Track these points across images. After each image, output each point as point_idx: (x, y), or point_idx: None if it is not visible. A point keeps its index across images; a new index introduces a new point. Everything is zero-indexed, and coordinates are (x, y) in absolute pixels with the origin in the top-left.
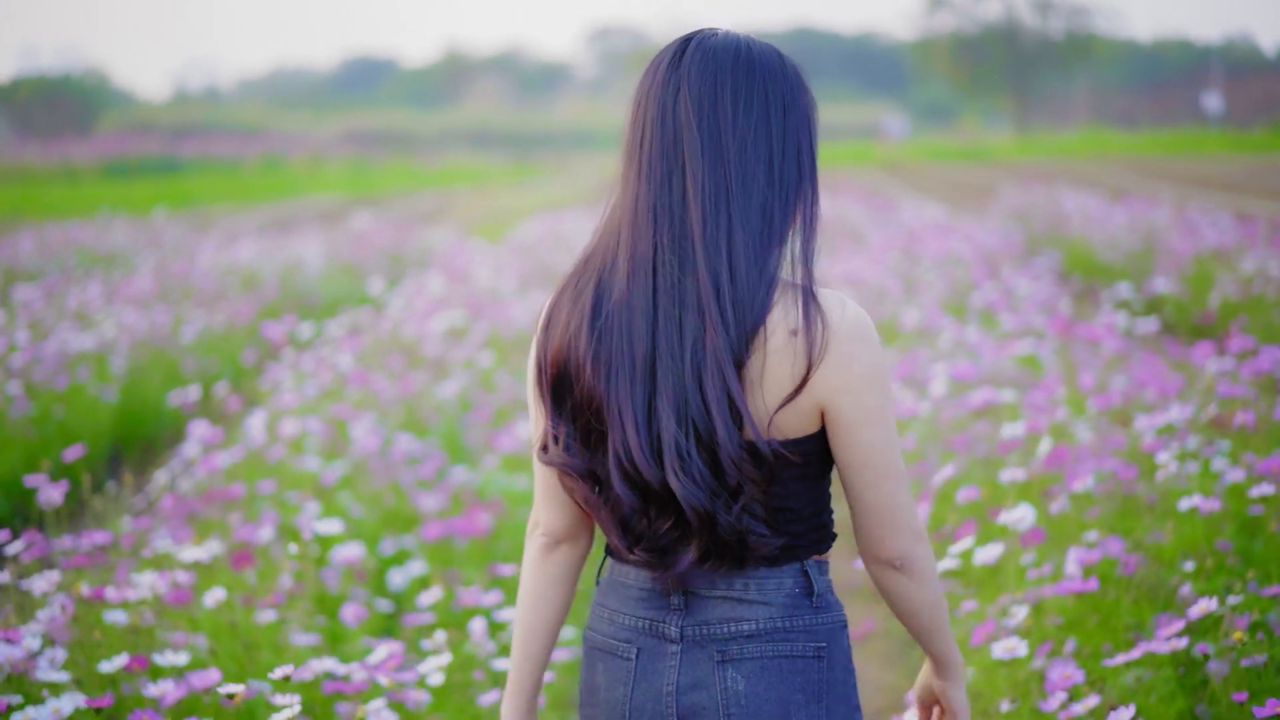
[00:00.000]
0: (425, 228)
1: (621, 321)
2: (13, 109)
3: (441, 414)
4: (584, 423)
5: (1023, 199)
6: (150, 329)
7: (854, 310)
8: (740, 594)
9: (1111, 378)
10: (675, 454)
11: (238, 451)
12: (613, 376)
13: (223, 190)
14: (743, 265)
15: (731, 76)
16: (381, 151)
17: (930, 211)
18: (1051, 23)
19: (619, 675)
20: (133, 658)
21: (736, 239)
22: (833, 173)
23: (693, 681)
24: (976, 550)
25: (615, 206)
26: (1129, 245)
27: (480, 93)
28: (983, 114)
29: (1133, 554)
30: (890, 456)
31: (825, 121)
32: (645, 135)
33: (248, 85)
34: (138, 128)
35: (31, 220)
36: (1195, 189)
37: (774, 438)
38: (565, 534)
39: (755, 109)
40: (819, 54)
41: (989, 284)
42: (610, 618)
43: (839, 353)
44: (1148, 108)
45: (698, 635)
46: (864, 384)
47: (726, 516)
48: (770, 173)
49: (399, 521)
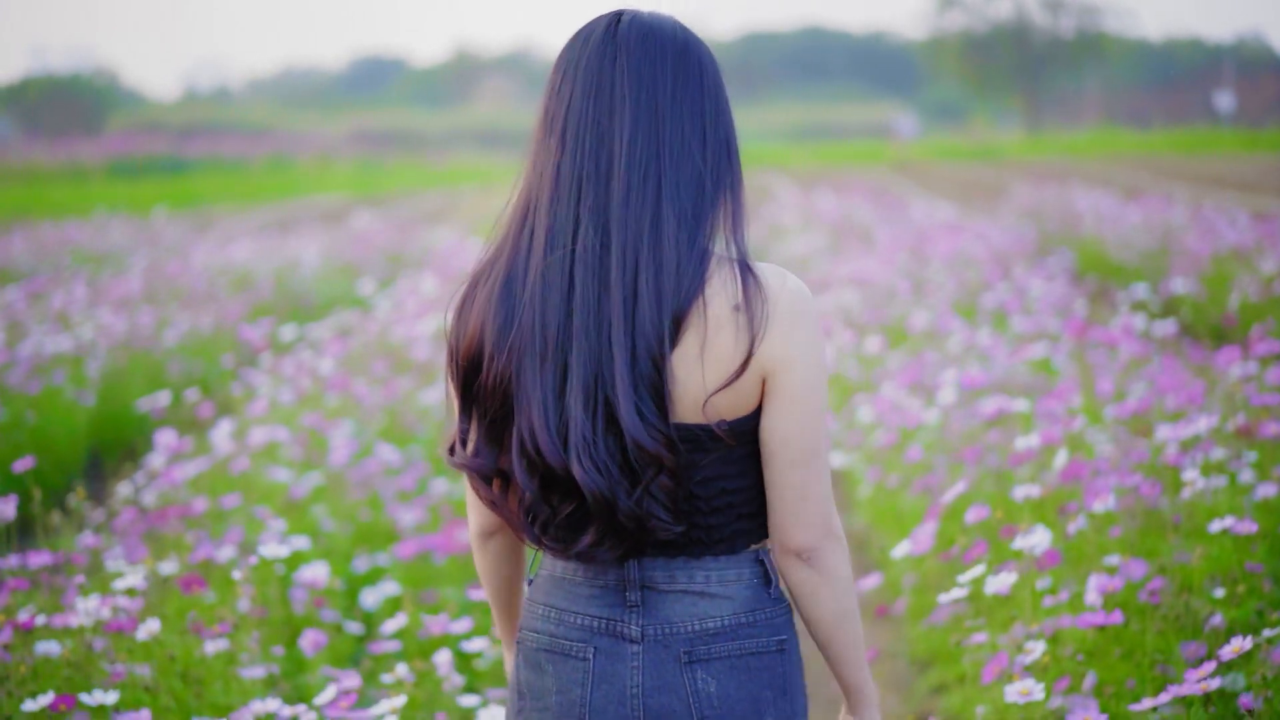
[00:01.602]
0: (428, 227)
1: (534, 298)
2: (22, 108)
3: (426, 421)
4: (491, 415)
5: (1035, 198)
6: (131, 331)
7: (794, 281)
8: (701, 587)
9: (1130, 384)
10: (579, 436)
11: (203, 463)
12: (522, 358)
13: (228, 190)
14: (669, 239)
15: (671, 52)
16: (390, 151)
17: (941, 211)
18: (1062, 22)
19: (574, 676)
20: (59, 696)
21: (664, 211)
22: (842, 172)
23: (659, 683)
24: (988, 578)
25: (528, 180)
26: (1144, 245)
27: (489, 92)
28: (993, 113)
29: (1157, 577)
30: (816, 437)
31: (835, 121)
32: (573, 104)
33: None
34: (146, 127)
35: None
36: (1209, 188)
37: (711, 419)
38: (491, 528)
39: (692, 86)
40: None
41: (1001, 285)
42: (559, 617)
43: (782, 324)
44: (1159, 107)
45: (660, 634)
46: (806, 355)
47: (626, 501)
48: (704, 149)
49: (375, 537)
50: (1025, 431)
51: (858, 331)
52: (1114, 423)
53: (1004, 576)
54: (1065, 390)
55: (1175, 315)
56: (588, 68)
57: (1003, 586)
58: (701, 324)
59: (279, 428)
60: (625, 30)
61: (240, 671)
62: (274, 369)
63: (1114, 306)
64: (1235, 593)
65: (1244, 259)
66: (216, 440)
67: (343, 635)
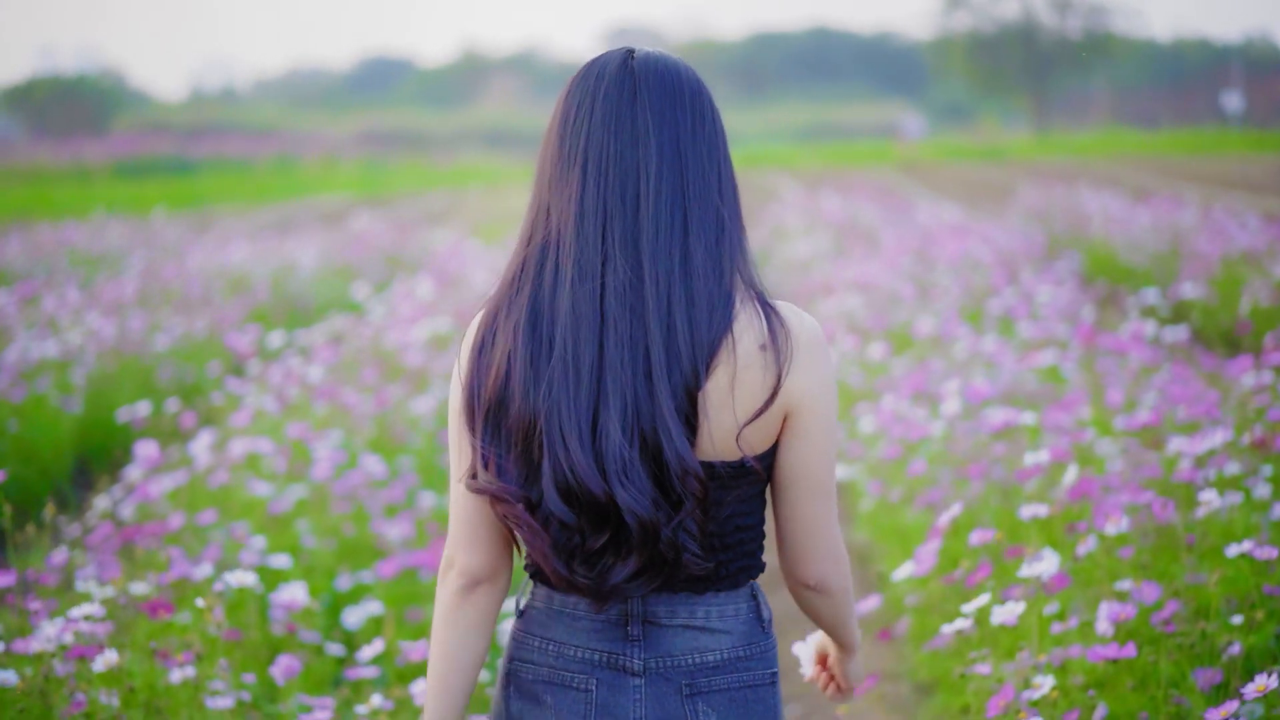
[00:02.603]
0: (429, 228)
1: (566, 332)
2: (28, 108)
3: (416, 431)
4: (518, 450)
5: (1042, 199)
6: (121, 336)
7: (810, 320)
8: (702, 623)
9: (1140, 393)
10: (619, 464)
11: (182, 475)
12: (554, 391)
13: (233, 190)
14: (699, 274)
15: (689, 93)
16: (396, 151)
17: (947, 212)
18: (1069, 22)
19: (574, 708)
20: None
21: (693, 246)
22: (848, 172)
23: (661, 714)
24: (995, 608)
25: (542, 212)
26: (1153, 247)
27: (497, 92)
28: (1000, 114)
29: (1171, 601)
30: (827, 471)
31: (843, 121)
32: (592, 136)
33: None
34: (151, 128)
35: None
36: (1218, 189)
37: (746, 453)
38: (485, 574)
39: (706, 127)
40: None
41: (1008, 289)
42: (558, 650)
43: (804, 359)
44: (1167, 107)
45: (661, 667)
46: (823, 390)
47: (668, 530)
48: (720, 188)
49: (359, 553)
50: (1032, 443)
51: (861, 337)
52: (1124, 435)
53: (1011, 607)
54: (1074, 400)
55: (1185, 320)
56: (606, 101)
57: (1010, 617)
58: (731, 360)
59: (261, 439)
60: (642, 68)
61: (207, 700)
62: (262, 376)
63: (1123, 311)
64: (1253, 618)
65: (1255, 262)
66: (195, 452)
67: (322, 657)
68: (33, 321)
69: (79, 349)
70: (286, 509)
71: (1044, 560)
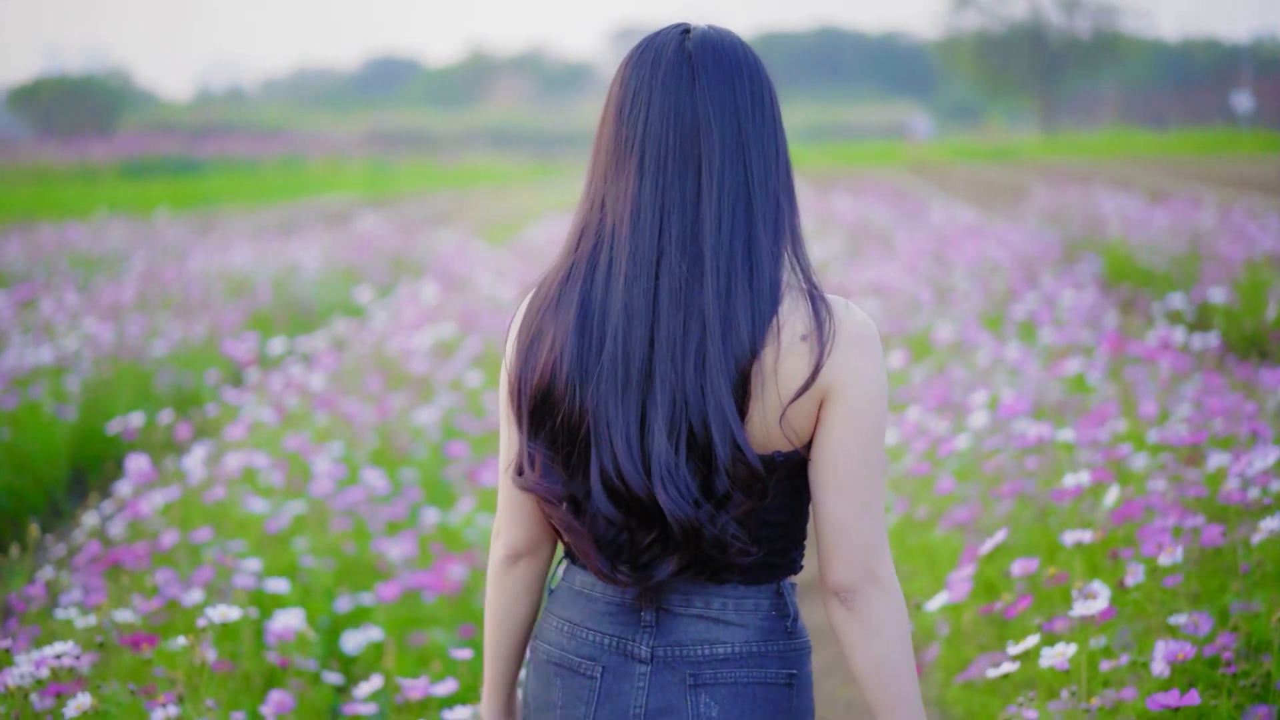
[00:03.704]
0: (434, 229)
1: (618, 330)
2: (35, 108)
3: (420, 441)
4: (565, 446)
5: (1056, 200)
6: (119, 341)
7: (860, 313)
8: (718, 614)
9: (1173, 404)
10: (663, 465)
11: (175, 491)
12: (604, 390)
13: (238, 190)
14: (764, 264)
15: (746, 72)
16: (402, 151)
17: (961, 213)
18: (1078, 22)
19: (580, 693)
20: None
21: (757, 237)
22: (858, 173)
23: (662, 705)
24: (1044, 650)
25: (596, 204)
26: (1173, 250)
27: (503, 92)
28: (1008, 114)
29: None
30: (865, 470)
31: (850, 121)
32: (650, 128)
33: (271, 86)
34: (158, 128)
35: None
36: (1233, 190)
37: (788, 438)
38: (527, 548)
39: (766, 107)
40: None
41: (1029, 294)
42: (572, 632)
43: (845, 346)
44: (1176, 108)
45: (669, 656)
46: (865, 382)
47: (711, 528)
48: (778, 170)
49: (360, 572)
50: (1068, 459)
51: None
52: (1160, 449)
53: (1061, 649)
54: (1105, 412)
55: (1210, 326)
56: (664, 90)
57: (1061, 660)
58: (776, 345)
59: (257, 453)
60: (699, 49)
61: None
62: (261, 384)
63: (1147, 316)
64: None
65: (1279, 266)
66: (189, 466)
67: (319, 686)
68: (29, 325)
69: (75, 354)
70: (284, 526)
71: (1098, 599)
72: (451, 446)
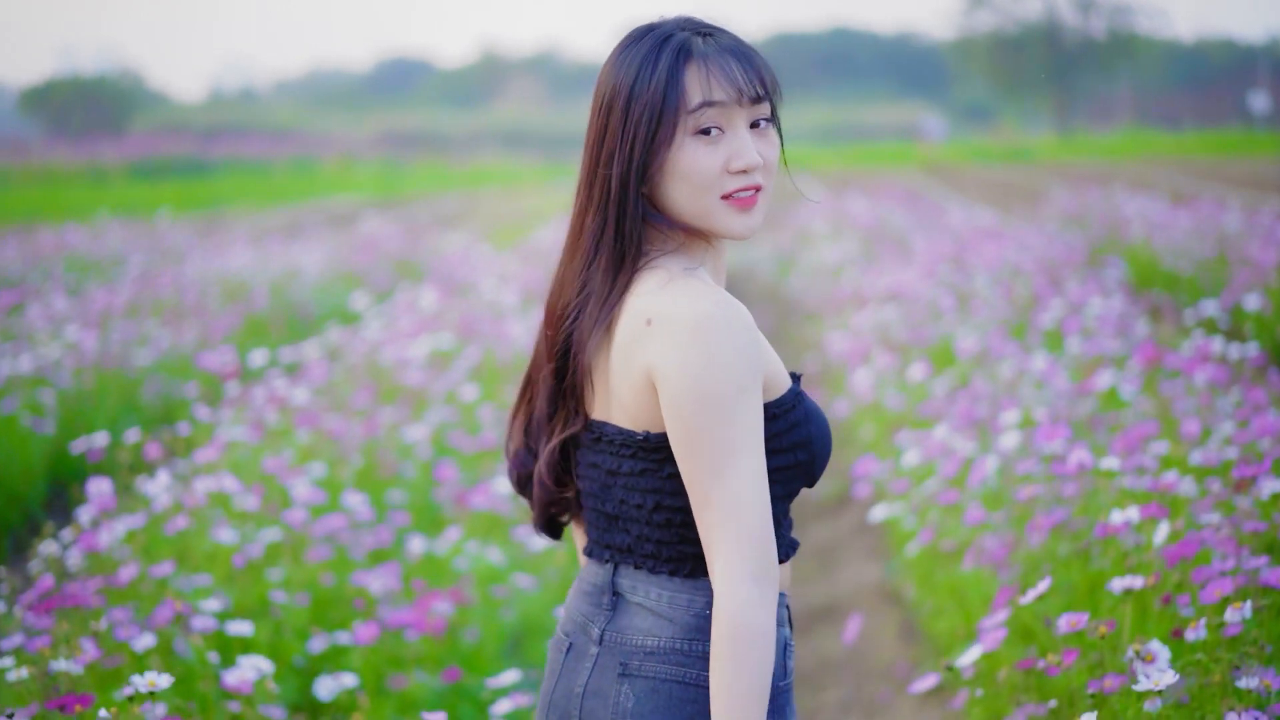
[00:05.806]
0: (441, 232)
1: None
2: (47, 109)
3: (409, 460)
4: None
5: (1076, 202)
6: (103, 350)
7: (705, 306)
8: (654, 605)
9: (1215, 422)
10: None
11: (140, 518)
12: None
13: (249, 192)
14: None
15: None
16: (414, 152)
17: (979, 216)
18: (1093, 22)
19: (552, 665)
20: None
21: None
22: (872, 174)
23: (598, 688)
24: None
25: None
26: (1199, 254)
27: (515, 93)
28: (1021, 115)
29: None
30: (691, 467)
31: (863, 122)
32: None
33: (283, 87)
34: (170, 129)
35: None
36: (1253, 192)
37: (649, 426)
38: None
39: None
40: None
41: (1055, 301)
42: (565, 606)
43: (672, 335)
44: (1192, 108)
45: (612, 641)
46: (683, 367)
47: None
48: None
49: (338, 606)
50: (1106, 485)
51: (899, 354)
52: (1205, 471)
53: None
54: (1143, 431)
55: (1243, 335)
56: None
57: None
58: (628, 326)
59: (227, 475)
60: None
61: None
62: (242, 399)
63: (1177, 324)
64: None
65: None
66: (153, 492)
67: None
68: (11, 333)
69: (55, 364)
70: (257, 556)
71: (1164, 673)
72: (441, 468)
